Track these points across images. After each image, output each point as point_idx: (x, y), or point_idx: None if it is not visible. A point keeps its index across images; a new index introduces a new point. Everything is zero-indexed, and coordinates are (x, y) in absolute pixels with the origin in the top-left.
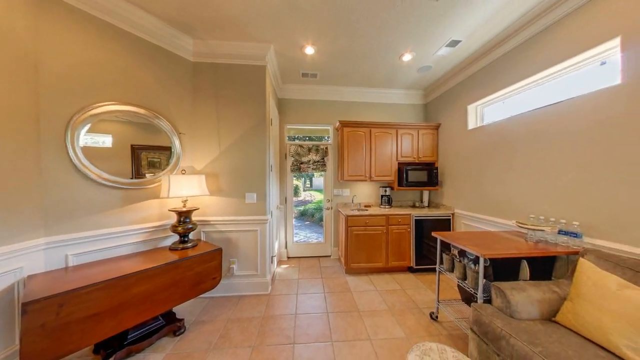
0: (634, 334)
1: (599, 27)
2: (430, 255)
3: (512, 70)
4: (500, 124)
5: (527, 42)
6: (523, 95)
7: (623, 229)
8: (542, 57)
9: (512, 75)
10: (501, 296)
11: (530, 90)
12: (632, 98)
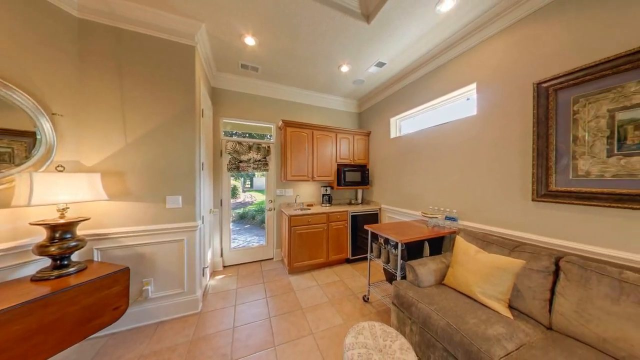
0: (482, 282)
1: (464, 75)
2: (363, 246)
3: (420, 94)
4: (411, 135)
5: (428, 75)
6: (427, 114)
7: (478, 213)
8: (437, 88)
9: (420, 98)
10: (412, 272)
11: (432, 111)
12: (482, 124)
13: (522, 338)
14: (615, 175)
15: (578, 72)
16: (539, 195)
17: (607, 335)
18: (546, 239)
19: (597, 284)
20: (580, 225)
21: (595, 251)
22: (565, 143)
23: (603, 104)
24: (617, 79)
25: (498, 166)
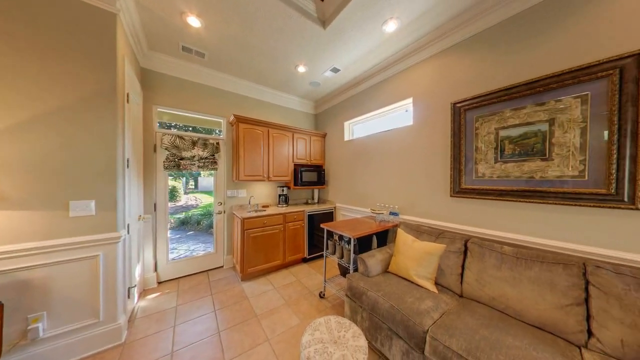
0: (416, 266)
1: (403, 89)
2: (319, 244)
3: (370, 102)
4: (362, 139)
5: (376, 86)
6: (375, 121)
7: (414, 208)
8: (382, 99)
9: (370, 105)
10: (362, 263)
11: (380, 119)
12: (416, 133)
13: (444, 307)
14: (498, 176)
15: (478, 98)
16: (454, 192)
17: (494, 294)
18: (460, 226)
19: (488, 258)
20: (480, 214)
21: (488, 233)
22: (471, 151)
23: (492, 124)
24: (499, 106)
25: (427, 168)
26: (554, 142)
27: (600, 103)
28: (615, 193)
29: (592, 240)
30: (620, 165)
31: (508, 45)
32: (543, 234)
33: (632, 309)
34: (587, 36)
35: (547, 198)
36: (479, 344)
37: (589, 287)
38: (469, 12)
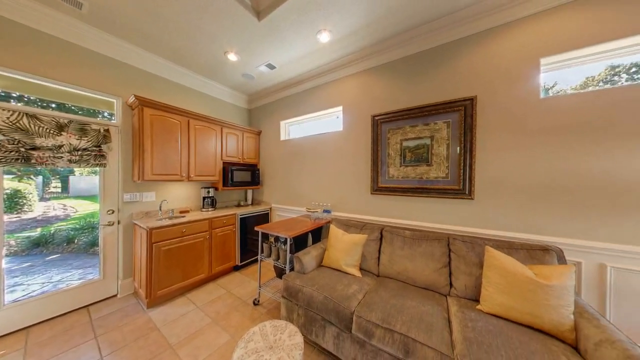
0: (345, 256)
1: (335, 97)
2: (254, 249)
3: (306, 104)
4: (298, 140)
5: (312, 90)
6: (311, 123)
7: (344, 205)
8: (317, 103)
9: (306, 107)
10: (299, 262)
11: (316, 121)
12: (345, 138)
13: (366, 288)
14: (402, 177)
15: (389, 114)
16: (374, 190)
17: (399, 269)
18: (378, 218)
19: (396, 241)
20: (391, 207)
21: (396, 222)
22: (385, 156)
23: (398, 136)
24: (403, 123)
25: (354, 170)
26: (434, 152)
27: (455, 128)
28: (463, 188)
29: (452, 221)
30: (465, 170)
31: (408, 77)
32: (427, 219)
33: (469, 263)
34: (449, 82)
35: (430, 193)
36: (390, 311)
37: (450, 253)
38: (381, 45)
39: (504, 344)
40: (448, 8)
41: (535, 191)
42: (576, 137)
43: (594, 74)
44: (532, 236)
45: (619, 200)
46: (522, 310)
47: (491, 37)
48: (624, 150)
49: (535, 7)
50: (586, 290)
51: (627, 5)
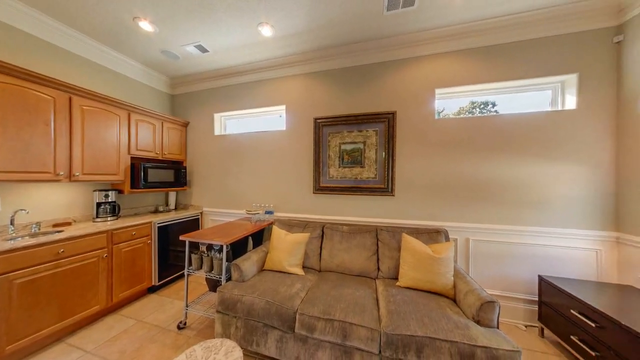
0: (288, 256)
1: (278, 95)
2: (179, 262)
3: (246, 98)
4: (237, 136)
5: (253, 84)
6: (252, 119)
7: (287, 204)
8: (259, 99)
9: (245, 102)
10: (237, 270)
11: (257, 118)
12: (289, 138)
13: (309, 284)
14: (341, 177)
15: (330, 118)
16: (316, 190)
17: (338, 262)
18: (320, 216)
19: (335, 236)
20: (332, 205)
21: (336, 218)
22: (325, 158)
23: (337, 139)
24: (341, 128)
25: (297, 170)
26: (366, 156)
27: (382, 136)
28: (387, 187)
29: (379, 214)
30: (388, 171)
31: (346, 86)
32: (361, 214)
33: (391, 249)
34: (378, 96)
35: (362, 191)
36: (330, 302)
37: (378, 242)
38: (323, 52)
39: (414, 309)
40: (375, 34)
41: (432, 188)
42: (455, 149)
43: (464, 105)
44: (430, 222)
45: (477, 194)
46: (425, 279)
47: (407, 66)
48: (479, 159)
49: (429, 50)
50: (459, 257)
51: (480, 62)
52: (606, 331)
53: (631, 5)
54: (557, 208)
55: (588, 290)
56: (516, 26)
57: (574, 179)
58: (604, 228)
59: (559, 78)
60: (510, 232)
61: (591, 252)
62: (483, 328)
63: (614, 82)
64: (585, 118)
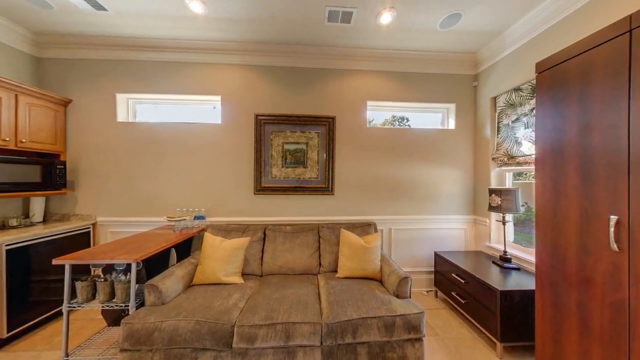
0: (225, 265)
1: (212, 85)
2: (51, 296)
3: (166, 80)
4: (153, 125)
5: (176, 65)
6: (176, 107)
7: (223, 207)
8: (186, 84)
9: (165, 85)
10: (154, 291)
11: (185, 107)
12: (225, 133)
13: (249, 292)
14: (284, 177)
15: (272, 116)
16: (257, 190)
17: (281, 263)
18: (261, 218)
19: (278, 237)
20: (274, 206)
21: (279, 219)
22: (268, 157)
23: (280, 138)
24: (284, 127)
25: (236, 169)
26: (309, 157)
27: (323, 138)
28: (327, 186)
29: (321, 213)
30: (329, 172)
31: (289, 86)
32: (304, 213)
33: (331, 244)
34: (320, 100)
35: (305, 191)
36: (273, 306)
37: (320, 239)
38: (266, 46)
39: (350, 296)
40: (318, 41)
41: (364, 187)
42: (381, 154)
43: (387, 118)
44: (363, 217)
45: (396, 191)
46: (359, 267)
47: (345, 76)
48: (398, 163)
49: (363, 66)
50: (384, 245)
51: (398, 84)
52: (470, 284)
53: (481, 63)
54: (444, 200)
55: (460, 257)
56: (421, 61)
57: (453, 179)
58: (468, 213)
59: (445, 105)
60: (418, 221)
61: (462, 230)
62: (400, 300)
63: (473, 113)
64: (460, 136)
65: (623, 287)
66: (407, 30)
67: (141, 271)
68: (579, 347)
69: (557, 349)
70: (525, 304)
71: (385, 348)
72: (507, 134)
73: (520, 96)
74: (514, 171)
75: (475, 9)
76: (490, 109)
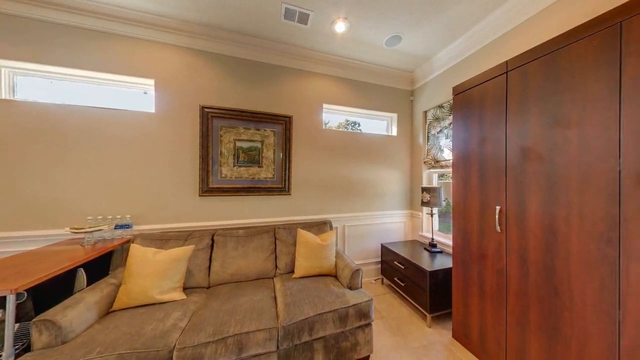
0: (160, 281)
1: (142, 65)
2: None
3: (69, 50)
4: (47, 107)
5: (88, 33)
6: (80, 85)
7: (155, 213)
8: (103, 59)
9: (68, 55)
10: (48, 328)
11: (99, 87)
12: (160, 124)
13: (193, 308)
14: (236, 177)
15: (222, 110)
16: (203, 191)
17: (233, 271)
18: (209, 223)
19: (229, 243)
20: (225, 208)
21: (231, 223)
22: (217, 155)
23: (232, 135)
24: (236, 123)
25: (175, 166)
26: (264, 156)
27: (280, 137)
28: (284, 186)
29: (277, 214)
30: (285, 172)
31: (242, 79)
32: (259, 215)
33: (288, 245)
34: (276, 98)
35: (260, 191)
36: (223, 318)
37: (276, 241)
38: (213, 30)
39: (307, 295)
40: (274, 36)
41: (321, 186)
42: (337, 155)
43: (342, 122)
44: (319, 216)
45: (350, 190)
46: (316, 265)
47: (303, 77)
48: (351, 164)
49: (320, 69)
50: (339, 241)
51: (351, 91)
52: (408, 269)
53: (416, 81)
54: (389, 198)
55: (400, 247)
56: (370, 72)
57: (396, 179)
58: (407, 208)
59: (389, 114)
60: (368, 217)
61: (402, 223)
62: (353, 291)
63: (410, 123)
64: (400, 142)
65: (503, 258)
66: (359, 42)
67: (25, 304)
68: (478, 307)
69: (466, 311)
70: (447, 279)
71: (340, 338)
72: (434, 142)
73: (442, 112)
74: (439, 173)
75: (412, 34)
76: (422, 121)
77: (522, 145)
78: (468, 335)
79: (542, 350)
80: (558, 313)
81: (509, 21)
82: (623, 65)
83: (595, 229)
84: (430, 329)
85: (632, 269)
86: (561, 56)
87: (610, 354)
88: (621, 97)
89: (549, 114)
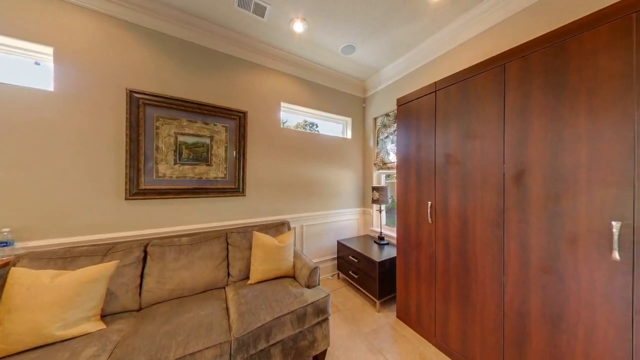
0: (63, 312)
1: (36, 26)
2: None
3: None
4: None
5: None
6: None
7: (55, 224)
8: None
9: None
10: None
11: None
12: (63, 107)
13: (116, 338)
14: (177, 176)
15: (159, 97)
16: (132, 194)
17: (173, 286)
18: (139, 232)
19: (169, 254)
20: (162, 213)
21: (170, 230)
22: (151, 150)
23: (172, 127)
24: (178, 114)
25: (87, 164)
26: (213, 153)
27: (233, 133)
28: (238, 187)
29: (229, 217)
30: (239, 171)
31: (186, 64)
32: (207, 219)
33: (242, 249)
34: (229, 90)
35: (209, 193)
36: (161, 343)
37: (228, 246)
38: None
39: (263, 300)
40: (226, 23)
41: (278, 186)
42: (294, 155)
43: (300, 122)
44: (277, 217)
45: (307, 190)
46: (273, 268)
47: (259, 72)
48: (309, 164)
49: (277, 66)
50: (297, 241)
51: (309, 92)
52: (361, 262)
53: (368, 89)
54: (344, 196)
55: (354, 242)
56: (328, 76)
57: (350, 179)
58: (360, 206)
59: (345, 118)
60: (324, 215)
61: (355, 220)
62: (311, 289)
63: (363, 127)
64: (354, 144)
65: (433, 244)
66: (317, 45)
67: None
68: (415, 288)
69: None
70: (392, 267)
71: (298, 339)
72: (382, 146)
73: (389, 120)
74: (386, 173)
75: (364, 46)
76: (373, 126)
77: (446, 152)
78: (408, 313)
79: (459, 316)
80: (468, 285)
81: (439, 48)
82: (506, 97)
83: (490, 217)
84: (380, 314)
85: (511, 245)
86: (470, 83)
87: (498, 310)
88: (505, 120)
89: (463, 128)
